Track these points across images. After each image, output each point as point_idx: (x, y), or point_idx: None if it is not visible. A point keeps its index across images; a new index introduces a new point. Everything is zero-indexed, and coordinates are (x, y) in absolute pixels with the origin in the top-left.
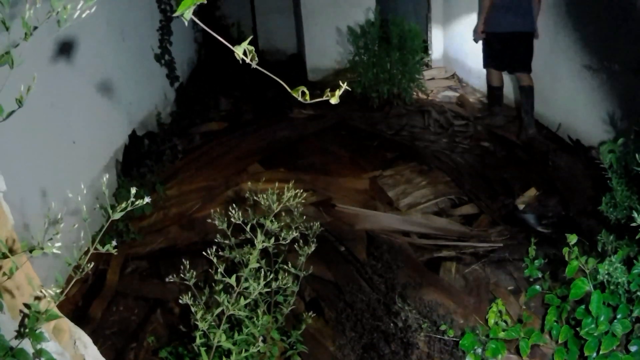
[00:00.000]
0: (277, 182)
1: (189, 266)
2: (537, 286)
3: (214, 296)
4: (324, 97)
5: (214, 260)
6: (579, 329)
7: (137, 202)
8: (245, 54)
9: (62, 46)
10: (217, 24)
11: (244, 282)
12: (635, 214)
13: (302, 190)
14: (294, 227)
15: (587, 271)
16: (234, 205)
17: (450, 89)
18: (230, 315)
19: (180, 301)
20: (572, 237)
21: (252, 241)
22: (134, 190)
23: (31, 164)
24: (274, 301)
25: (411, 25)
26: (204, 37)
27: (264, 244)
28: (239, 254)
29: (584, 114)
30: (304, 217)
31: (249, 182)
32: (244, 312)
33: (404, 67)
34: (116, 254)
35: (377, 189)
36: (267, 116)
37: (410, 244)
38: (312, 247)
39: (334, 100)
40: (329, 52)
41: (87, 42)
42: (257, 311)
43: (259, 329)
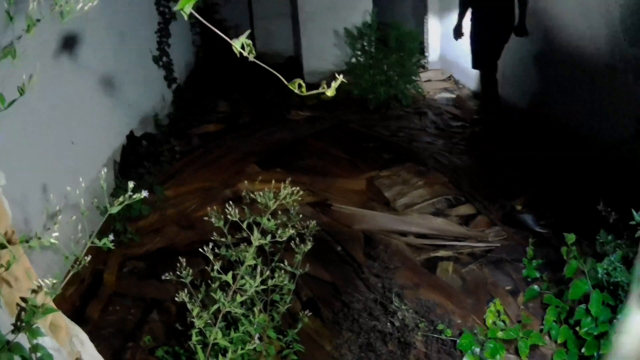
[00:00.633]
0: (273, 182)
1: (186, 265)
2: (536, 287)
3: (211, 294)
4: (320, 90)
5: (211, 257)
6: (578, 329)
7: (134, 196)
8: (243, 48)
9: (63, 48)
10: (215, 26)
11: (240, 279)
12: (634, 212)
13: (298, 189)
14: (290, 225)
15: (586, 271)
16: (231, 203)
17: (447, 90)
18: (226, 313)
19: (176, 299)
20: (571, 237)
21: (249, 240)
22: (131, 184)
23: (31, 163)
24: (270, 300)
25: (408, 27)
26: (202, 40)
27: (260, 241)
28: (236, 252)
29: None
30: (300, 215)
31: (246, 182)
32: (240, 310)
33: (401, 69)
34: (114, 255)
35: (374, 190)
36: (264, 118)
37: (407, 244)
38: (308, 246)
39: (329, 92)
40: (326, 54)
41: (87, 43)
42: (254, 309)
43: (255, 327)
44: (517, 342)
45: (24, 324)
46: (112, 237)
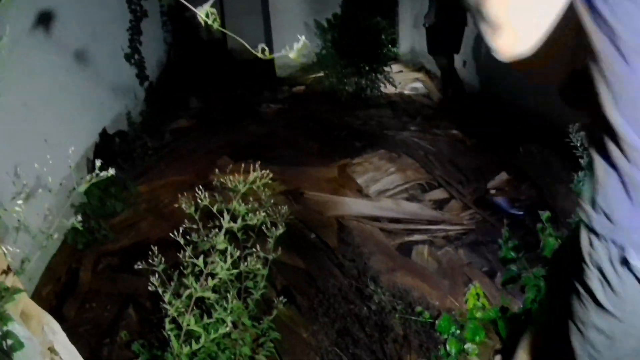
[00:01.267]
0: (243, 166)
1: (160, 257)
2: (514, 267)
3: (183, 280)
4: (283, 52)
5: (181, 241)
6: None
7: (101, 174)
8: (207, 16)
9: (34, 45)
10: (187, 23)
11: (211, 264)
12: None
13: (268, 171)
14: (262, 211)
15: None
16: (201, 188)
17: (418, 80)
18: (201, 301)
19: (149, 288)
20: (546, 215)
21: (221, 227)
22: (98, 162)
23: (2, 162)
24: (244, 288)
25: (379, 18)
26: (174, 37)
27: (230, 224)
28: (207, 239)
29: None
30: (272, 201)
31: (217, 170)
32: (214, 295)
33: (371, 60)
34: (89, 252)
35: (346, 177)
36: (236, 112)
37: (381, 229)
38: (280, 230)
39: (293, 55)
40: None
41: (58, 42)
42: (227, 295)
43: (229, 313)
44: (498, 323)
45: None
46: (80, 218)
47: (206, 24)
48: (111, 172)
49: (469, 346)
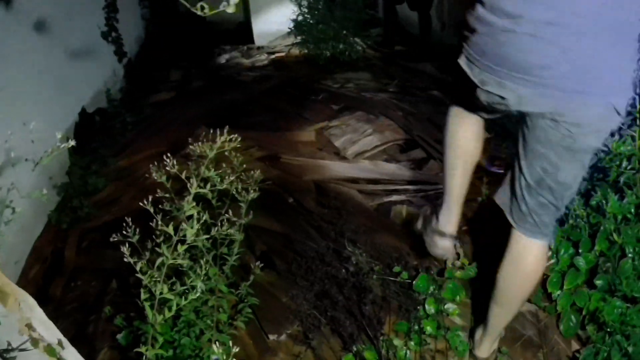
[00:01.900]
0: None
1: (134, 228)
2: None
3: (155, 249)
4: (222, 8)
5: (151, 209)
6: None
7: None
8: None
9: (6, 25)
10: None
11: (181, 231)
12: None
13: (236, 136)
14: (231, 175)
15: None
16: (169, 156)
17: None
18: (175, 270)
19: (124, 260)
20: None
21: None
22: (59, 134)
23: None
24: (220, 254)
25: None
26: (151, 13)
27: (200, 190)
28: (178, 205)
29: None
30: (244, 166)
31: (190, 139)
32: (189, 262)
33: (349, 23)
34: (73, 231)
35: (324, 140)
36: (215, 82)
37: (359, 191)
38: (252, 194)
39: (230, 9)
40: (274, 16)
41: (32, 23)
42: (200, 261)
43: (200, 278)
44: (476, 281)
45: None
46: (45, 192)
47: None
48: (71, 143)
49: (448, 306)
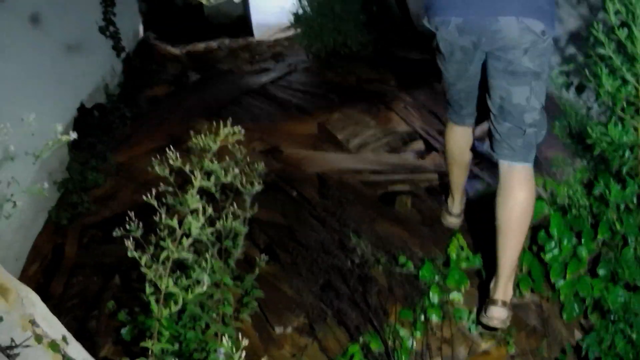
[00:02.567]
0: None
1: (137, 222)
2: None
3: (161, 243)
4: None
5: (154, 203)
6: (542, 254)
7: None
8: None
9: (4, 22)
10: None
11: (186, 224)
12: (589, 130)
13: (239, 127)
14: (235, 168)
15: (545, 194)
16: (172, 148)
17: None
18: (180, 264)
19: (128, 254)
20: None
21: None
22: (59, 127)
23: None
24: (224, 248)
25: None
26: (148, 7)
27: (203, 182)
28: (181, 199)
29: None
30: (248, 158)
31: (192, 132)
32: (193, 256)
33: (349, 15)
34: (72, 227)
35: (326, 132)
36: (213, 75)
37: (362, 182)
38: (256, 187)
39: (204, 1)
40: (272, 9)
41: (29, 18)
42: (205, 255)
43: (207, 273)
44: (481, 271)
45: None
46: (46, 185)
47: None
48: (73, 135)
49: (453, 295)
